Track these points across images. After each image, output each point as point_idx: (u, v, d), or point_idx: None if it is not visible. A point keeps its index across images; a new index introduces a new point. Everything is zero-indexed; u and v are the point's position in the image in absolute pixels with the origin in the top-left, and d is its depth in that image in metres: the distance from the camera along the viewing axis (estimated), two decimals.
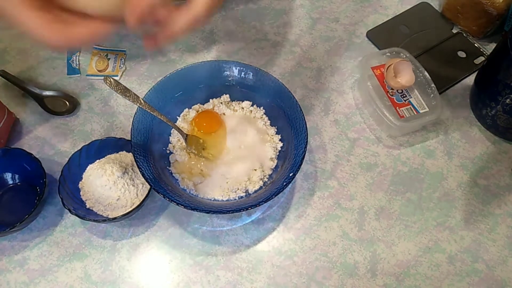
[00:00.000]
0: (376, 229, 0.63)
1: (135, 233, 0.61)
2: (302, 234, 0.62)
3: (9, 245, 0.60)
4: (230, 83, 0.67)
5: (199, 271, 0.59)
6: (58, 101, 0.71)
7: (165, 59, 0.77)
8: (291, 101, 0.63)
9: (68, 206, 0.57)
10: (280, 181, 0.58)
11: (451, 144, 0.70)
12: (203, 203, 0.58)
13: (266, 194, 0.57)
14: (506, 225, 0.64)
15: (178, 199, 0.55)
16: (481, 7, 0.74)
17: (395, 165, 0.68)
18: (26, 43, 0.77)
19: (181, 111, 0.67)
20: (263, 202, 0.55)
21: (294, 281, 0.59)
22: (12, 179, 0.63)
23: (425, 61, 0.71)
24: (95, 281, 0.58)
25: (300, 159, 0.58)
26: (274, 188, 0.57)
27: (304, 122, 0.60)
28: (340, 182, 0.66)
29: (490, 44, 0.79)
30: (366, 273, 0.60)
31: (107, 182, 0.60)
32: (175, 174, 0.62)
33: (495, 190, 0.66)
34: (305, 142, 0.59)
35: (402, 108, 0.67)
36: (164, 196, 0.54)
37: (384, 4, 0.85)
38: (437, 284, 0.59)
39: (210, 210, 0.55)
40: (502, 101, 0.64)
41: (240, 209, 0.55)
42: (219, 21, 0.82)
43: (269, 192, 0.57)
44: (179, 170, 0.62)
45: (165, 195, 0.54)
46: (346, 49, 0.79)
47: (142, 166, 0.56)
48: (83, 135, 0.69)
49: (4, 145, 0.66)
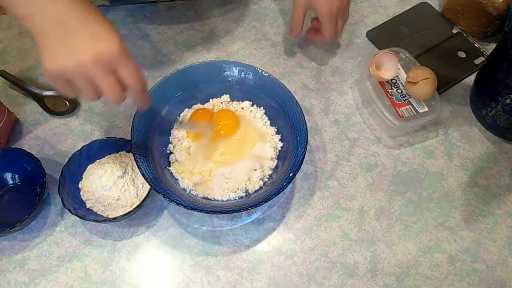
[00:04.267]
0: (376, 229, 0.63)
1: (135, 233, 0.61)
2: (302, 234, 0.62)
3: (9, 245, 0.60)
4: (230, 83, 0.67)
5: (199, 271, 0.59)
6: (58, 101, 0.71)
7: (165, 59, 0.77)
8: (291, 101, 0.63)
9: (68, 206, 0.57)
10: (280, 181, 0.58)
11: (451, 144, 0.70)
12: (203, 203, 0.58)
13: (266, 194, 0.57)
14: (506, 225, 0.64)
15: (178, 199, 0.55)
16: (481, 7, 0.74)
17: (395, 165, 0.68)
18: (26, 43, 0.77)
19: (181, 111, 0.67)
20: (263, 202, 0.55)
21: (294, 281, 0.59)
22: (12, 179, 0.63)
23: (425, 61, 0.71)
24: (95, 281, 0.58)
25: (300, 159, 0.58)
26: (274, 188, 0.57)
27: (304, 122, 0.60)
28: (340, 182, 0.66)
29: (490, 44, 0.79)
30: (366, 273, 0.60)
31: (107, 182, 0.60)
32: (175, 174, 0.62)
33: (495, 190, 0.66)
34: (305, 142, 0.59)
35: (402, 108, 0.67)
36: (164, 196, 0.54)
37: (384, 4, 0.85)
38: (437, 284, 0.59)
39: (210, 210, 0.55)
40: (502, 101, 0.64)
41: (240, 209, 0.55)
42: (219, 21, 0.82)
43: (269, 192, 0.57)
44: (179, 170, 0.62)
45: (165, 195, 0.54)
46: (346, 49, 0.79)
47: (142, 166, 0.56)
48: (83, 135, 0.69)
49: (4, 145, 0.66)
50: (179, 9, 0.82)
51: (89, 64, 0.44)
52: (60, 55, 0.44)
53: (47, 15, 0.44)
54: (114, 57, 0.45)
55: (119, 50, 0.45)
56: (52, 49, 0.44)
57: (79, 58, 0.44)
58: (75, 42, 0.44)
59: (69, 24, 0.44)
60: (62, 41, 0.44)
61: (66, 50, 0.44)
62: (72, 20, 0.44)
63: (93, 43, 0.44)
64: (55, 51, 0.44)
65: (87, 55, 0.44)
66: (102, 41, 0.44)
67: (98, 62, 0.44)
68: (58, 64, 0.44)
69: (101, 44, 0.44)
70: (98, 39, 0.44)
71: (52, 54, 0.44)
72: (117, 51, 0.45)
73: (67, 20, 0.44)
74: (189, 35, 0.80)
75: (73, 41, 0.44)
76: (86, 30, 0.44)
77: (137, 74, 0.47)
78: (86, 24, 0.44)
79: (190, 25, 0.81)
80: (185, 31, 0.80)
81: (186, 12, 0.82)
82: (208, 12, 0.82)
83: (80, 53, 0.44)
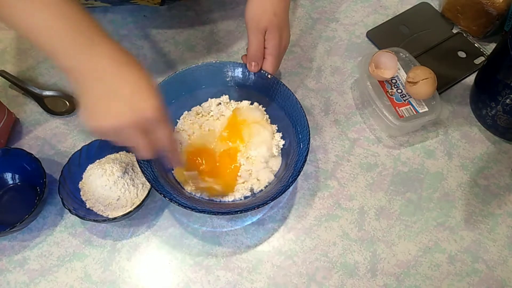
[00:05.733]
0: (376, 229, 0.63)
1: (135, 233, 0.61)
2: (302, 234, 0.62)
3: (9, 245, 0.60)
4: (229, 84, 0.67)
5: (199, 271, 0.59)
6: (58, 101, 0.71)
7: (165, 59, 0.77)
8: (291, 99, 0.63)
9: (68, 206, 0.57)
10: (286, 179, 0.57)
11: (451, 144, 0.70)
12: (204, 203, 0.58)
13: (273, 193, 0.56)
14: (506, 225, 0.64)
15: (181, 201, 0.54)
16: (481, 7, 0.74)
17: (395, 165, 0.68)
18: (26, 43, 0.77)
19: (181, 114, 0.67)
20: (270, 200, 0.54)
21: (294, 281, 0.59)
22: (12, 179, 0.63)
23: (425, 61, 0.71)
24: (95, 281, 0.58)
25: (304, 155, 0.57)
26: (280, 186, 0.57)
27: (305, 119, 0.60)
28: (340, 182, 0.66)
29: (490, 44, 0.79)
30: (366, 273, 0.60)
31: (107, 182, 0.60)
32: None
33: (495, 190, 0.66)
34: (308, 138, 0.58)
35: (402, 108, 0.67)
36: (164, 196, 0.54)
37: (384, 4, 0.85)
38: (437, 284, 0.59)
39: (211, 211, 0.55)
40: (502, 101, 0.64)
41: (241, 211, 0.55)
42: (219, 21, 0.82)
43: (276, 190, 0.56)
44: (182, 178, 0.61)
45: (165, 195, 0.54)
46: (346, 49, 0.79)
47: (143, 165, 0.56)
48: (83, 135, 0.69)
49: (4, 145, 0.66)
50: (179, 9, 0.82)
51: (126, 127, 0.45)
52: (99, 115, 0.45)
53: (91, 70, 0.44)
54: (152, 120, 0.46)
55: (157, 114, 0.46)
56: (92, 107, 0.45)
57: (116, 121, 0.45)
58: (114, 103, 0.44)
59: (111, 82, 0.45)
60: (102, 99, 0.45)
61: (105, 110, 0.45)
62: (114, 77, 0.45)
63: (132, 106, 0.44)
64: (95, 109, 0.45)
65: (124, 119, 0.44)
66: (141, 103, 0.45)
67: (134, 126, 0.45)
68: (96, 123, 0.45)
69: (140, 106, 0.45)
70: (138, 101, 0.45)
71: (92, 112, 0.45)
72: (155, 115, 0.45)
73: (110, 78, 0.45)
74: (189, 35, 0.80)
75: (112, 102, 0.44)
76: (126, 90, 0.45)
77: (172, 137, 0.49)
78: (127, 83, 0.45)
79: (190, 25, 0.81)
80: (185, 31, 0.80)
81: (186, 12, 0.82)
82: (208, 12, 0.82)
83: (117, 116, 0.45)
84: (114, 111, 0.45)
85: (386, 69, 0.68)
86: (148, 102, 0.45)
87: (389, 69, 0.68)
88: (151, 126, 0.46)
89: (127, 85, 0.45)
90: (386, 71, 0.68)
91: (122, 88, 0.45)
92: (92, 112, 0.45)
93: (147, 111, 0.45)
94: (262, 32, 0.62)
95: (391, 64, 0.68)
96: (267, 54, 0.63)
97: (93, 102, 0.45)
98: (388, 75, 0.68)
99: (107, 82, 0.44)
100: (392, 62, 0.68)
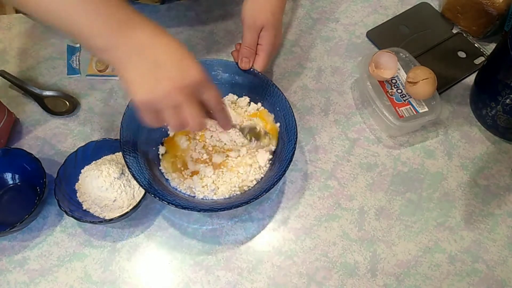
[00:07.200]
0: (376, 229, 0.63)
1: (135, 233, 0.61)
2: (302, 234, 0.62)
3: (9, 245, 0.60)
4: (219, 82, 0.67)
5: (199, 271, 0.59)
6: (58, 101, 0.71)
7: None
8: (280, 98, 0.63)
9: (64, 208, 0.57)
10: (272, 178, 0.58)
11: (451, 144, 0.70)
12: (196, 202, 0.58)
13: (259, 190, 0.57)
14: (506, 225, 0.64)
15: (168, 198, 0.55)
16: (481, 7, 0.74)
17: (395, 165, 0.68)
18: (26, 43, 0.77)
19: None
20: (255, 198, 0.55)
21: (294, 281, 0.59)
22: (12, 179, 0.63)
23: (425, 61, 0.71)
24: (95, 281, 0.58)
25: (291, 155, 0.58)
26: (267, 184, 0.57)
27: (294, 119, 0.61)
28: (340, 182, 0.66)
29: (490, 44, 0.79)
30: (366, 273, 0.60)
31: (103, 183, 0.59)
32: (166, 174, 0.62)
33: (495, 190, 0.66)
34: (295, 138, 0.59)
35: (402, 108, 0.67)
36: (155, 196, 0.54)
37: (384, 4, 0.85)
38: (437, 284, 0.59)
39: (201, 209, 0.55)
40: (502, 101, 0.64)
41: (231, 207, 0.56)
42: (219, 21, 0.82)
43: (263, 187, 0.57)
44: (169, 170, 0.62)
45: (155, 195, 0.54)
46: (346, 49, 0.79)
47: (132, 166, 0.56)
48: (83, 135, 0.69)
49: (4, 145, 0.66)
50: (179, 9, 0.82)
51: (177, 93, 0.45)
52: (148, 87, 0.45)
53: (128, 46, 0.45)
54: (199, 84, 0.47)
55: (203, 77, 0.47)
56: (140, 80, 0.45)
57: (167, 89, 0.45)
58: (161, 72, 0.45)
59: (152, 54, 0.45)
60: (148, 72, 0.45)
61: (153, 81, 0.45)
62: (154, 49, 0.45)
63: (179, 73, 0.45)
64: (143, 82, 0.45)
65: (174, 85, 0.45)
66: (186, 70, 0.46)
67: (184, 91, 0.46)
68: (147, 95, 0.45)
69: (186, 73, 0.46)
70: (183, 69, 0.46)
71: (141, 86, 0.45)
72: (201, 78, 0.47)
73: (149, 50, 0.45)
74: (189, 35, 0.80)
75: (159, 72, 0.45)
76: (169, 59, 0.45)
77: (220, 97, 0.50)
78: (168, 53, 0.46)
79: (190, 25, 0.81)
80: (185, 31, 0.80)
81: (186, 12, 0.82)
82: (208, 12, 0.82)
83: (167, 83, 0.45)
84: (163, 79, 0.45)
85: (386, 69, 0.68)
86: (194, 67, 0.46)
87: (389, 69, 0.68)
88: (200, 89, 0.47)
89: (170, 55, 0.46)
90: (386, 71, 0.68)
91: (165, 58, 0.45)
92: (140, 85, 0.45)
93: (196, 74, 0.46)
94: (257, 30, 0.63)
95: (391, 64, 0.68)
96: (260, 51, 0.64)
97: (139, 75, 0.45)
98: (388, 75, 0.68)
99: (148, 54, 0.45)
100: (392, 62, 0.68)
